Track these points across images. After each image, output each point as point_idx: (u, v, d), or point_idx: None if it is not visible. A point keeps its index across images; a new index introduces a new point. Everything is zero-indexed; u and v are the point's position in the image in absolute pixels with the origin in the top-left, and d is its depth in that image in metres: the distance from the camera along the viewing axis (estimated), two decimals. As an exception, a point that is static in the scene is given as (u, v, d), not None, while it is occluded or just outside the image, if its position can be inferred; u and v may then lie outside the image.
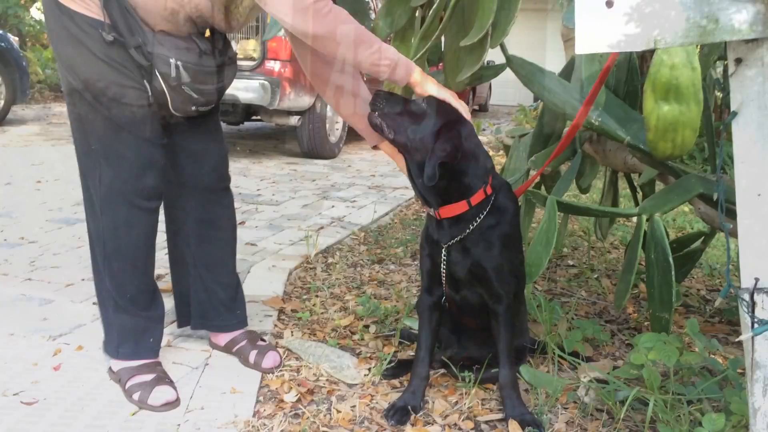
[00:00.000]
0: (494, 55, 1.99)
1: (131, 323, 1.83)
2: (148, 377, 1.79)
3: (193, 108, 1.81)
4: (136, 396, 1.75)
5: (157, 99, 1.75)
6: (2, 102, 7.18)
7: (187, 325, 2.12)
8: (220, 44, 1.84)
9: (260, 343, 2.04)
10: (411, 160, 1.68)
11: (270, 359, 1.97)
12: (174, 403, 1.75)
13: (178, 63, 1.71)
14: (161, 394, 1.74)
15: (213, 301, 2.06)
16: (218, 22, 1.79)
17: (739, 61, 1.19)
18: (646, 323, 2.46)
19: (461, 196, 1.68)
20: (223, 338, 2.08)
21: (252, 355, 1.99)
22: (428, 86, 1.71)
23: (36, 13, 13.24)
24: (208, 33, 1.81)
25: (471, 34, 1.71)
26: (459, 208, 1.68)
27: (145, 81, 1.73)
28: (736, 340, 1.14)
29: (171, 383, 1.80)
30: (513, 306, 1.79)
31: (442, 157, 1.58)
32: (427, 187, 1.63)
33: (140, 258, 1.84)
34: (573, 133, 2.05)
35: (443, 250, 1.75)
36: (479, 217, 1.70)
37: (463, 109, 1.71)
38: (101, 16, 1.65)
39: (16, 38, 7.75)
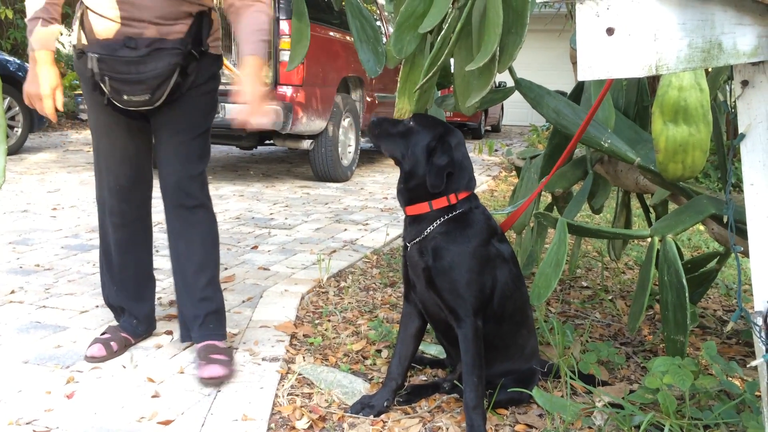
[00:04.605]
0: (506, 77, 2.01)
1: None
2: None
3: (126, 98, 1.96)
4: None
5: (106, 97, 2.00)
6: (19, 130, 7.29)
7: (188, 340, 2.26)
8: (150, 39, 1.96)
9: (214, 356, 2.05)
10: (403, 169, 1.88)
11: (207, 371, 2.00)
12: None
13: (94, 56, 1.92)
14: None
15: (188, 315, 2.18)
16: None
17: (745, 83, 1.19)
18: (662, 345, 2.43)
19: (427, 198, 1.83)
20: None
21: (197, 364, 2.07)
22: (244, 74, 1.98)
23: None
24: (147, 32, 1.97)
25: (476, 58, 1.72)
26: (421, 208, 1.84)
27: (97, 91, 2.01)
28: (749, 366, 1.13)
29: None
30: (479, 329, 1.79)
31: (445, 167, 1.79)
32: (403, 187, 1.87)
33: (115, 273, 2.23)
34: (572, 147, 2.12)
35: (407, 249, 1.89)
36: (437, 222, 1.82)
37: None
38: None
39: (34, 67, 7.87)
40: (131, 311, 2.27)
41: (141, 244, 2.26)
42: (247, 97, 1.95)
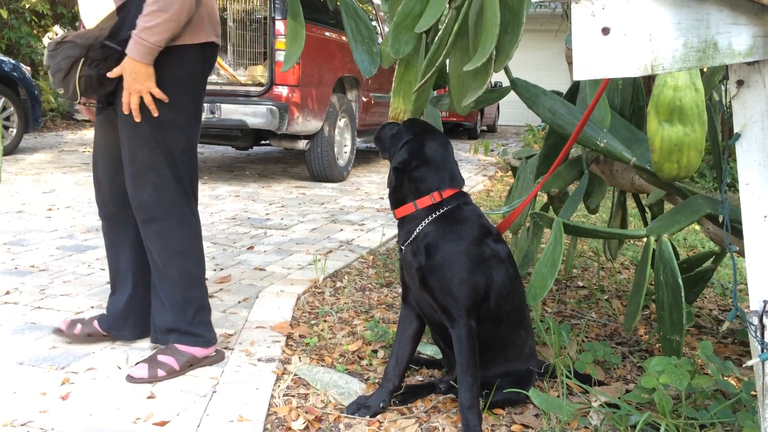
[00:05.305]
0: (502, 77, 2.02)
1: None
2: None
3: (56, 86, 1.99)
4: None
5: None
6: (14, 131, 7.27)
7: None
8: (70, 30, 2.12)
9: (149, 358, 2.10)
10: (391, 167, 1.93)
11: (131, 370, 2.06)
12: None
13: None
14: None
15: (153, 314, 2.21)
16: None
17: (741, 83, 1.19)
18: (657, 345, 2.44)
19: (412, 198, 1.88)
20: None
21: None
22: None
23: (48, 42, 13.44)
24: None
25: (474, 59, 1.72)
26: (407, 209, 1.88)
27: None
28: (745, 365, 1.13)
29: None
30: (472, 329, 1.79)
31: (397, 163, 1.86)
32: (391, 190, 1.92)
33: (110, 267, 2.29)
34: (569, 148, 2.11)
35: (402, 251, 1.92)
36: (426, 221, 1.85)
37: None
38: None
39: (28, 68, 7.85)
40: (107, 306, 2.33)
41: (118, 240, 2.24)
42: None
